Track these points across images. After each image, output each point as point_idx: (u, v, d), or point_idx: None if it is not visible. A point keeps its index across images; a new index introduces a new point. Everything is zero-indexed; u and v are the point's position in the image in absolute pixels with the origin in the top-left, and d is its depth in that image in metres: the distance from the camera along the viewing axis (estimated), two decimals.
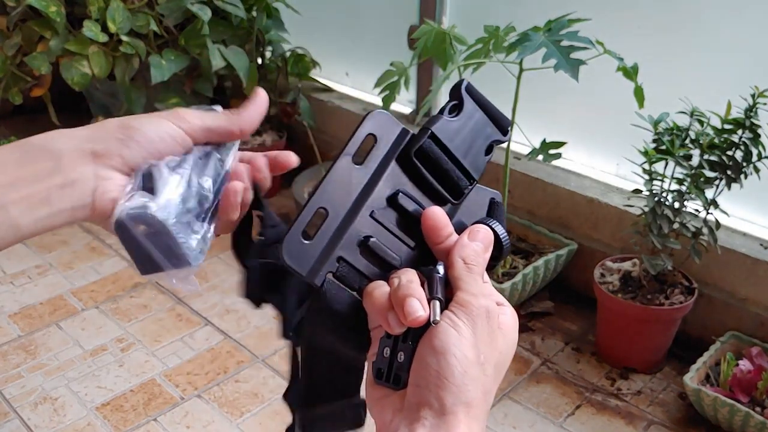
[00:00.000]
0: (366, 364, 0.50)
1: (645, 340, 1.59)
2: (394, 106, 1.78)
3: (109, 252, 2.02)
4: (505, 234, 0.47)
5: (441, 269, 0.44)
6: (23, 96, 2.20)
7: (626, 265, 1.63)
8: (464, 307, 0.42)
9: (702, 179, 1.42)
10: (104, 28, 2.00)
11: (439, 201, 0.48)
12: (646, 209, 1.48)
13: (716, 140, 1.40)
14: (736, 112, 1.37)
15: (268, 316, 1.77)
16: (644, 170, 1.46)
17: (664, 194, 1.47)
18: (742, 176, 1.40)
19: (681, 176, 1.44)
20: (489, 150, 0.49)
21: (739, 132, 1.38)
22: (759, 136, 1.37)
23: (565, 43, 1.38)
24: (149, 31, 2.09)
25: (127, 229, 0.47)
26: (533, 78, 1.49)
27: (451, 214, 0.48)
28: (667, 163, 1.45)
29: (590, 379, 1.59)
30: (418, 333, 0.42)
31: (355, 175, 0.46)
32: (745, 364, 1.41)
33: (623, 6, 1.69)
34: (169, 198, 0.48)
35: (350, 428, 0.51)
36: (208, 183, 0.50)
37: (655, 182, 1.46)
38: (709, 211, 1.47)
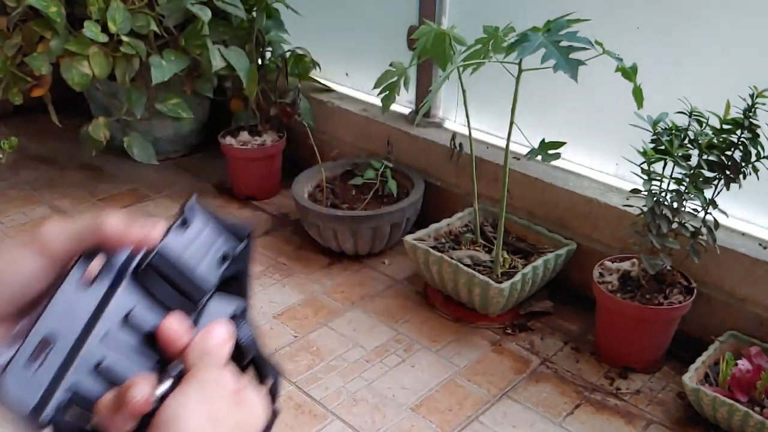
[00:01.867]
0: None
1: (644, 339, 1.59)
2: (394, 107, 1.78)
3: None
4: (248, 334, 0.47)
5: (177, 370, 0.44)
6: (23, 96, 2.20)
7: (625, 265, 1.63)
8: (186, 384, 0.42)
9: (701, 179, 1.42)
10: (104, 29, 2.01)
11: (181, 310, 0.48)
12: (645, 209, 1.49)
13: (715, 140, 1.40)
14: (735, 113, 1.37)
15: (267, 315, 1.77)
16: (643, 170, 1.46)
17: (663, 194, 1.47)
18: (741, 176, 1.40)
19: (680, 176, 1.45)
20: (224, 259, 0.49)
21: (738, 132, 1.38)
22: (758, 136, 1.37)
23: (564, 43, 1.39)
24: (149, 31, 2.09)
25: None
26: (532, 78, 1.50)
27: (197, 321, 0.48)
28: (666, 163, 1.45)
29: (589, 379, 1.60)
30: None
31: (83, 299, 0.44)
32: (744, 364, 1.42)
33: (623, 6, 1.69)
34: None
35: None
36: None
37: (654, 182, 1.47)
38: (708, 211, 1.47)
